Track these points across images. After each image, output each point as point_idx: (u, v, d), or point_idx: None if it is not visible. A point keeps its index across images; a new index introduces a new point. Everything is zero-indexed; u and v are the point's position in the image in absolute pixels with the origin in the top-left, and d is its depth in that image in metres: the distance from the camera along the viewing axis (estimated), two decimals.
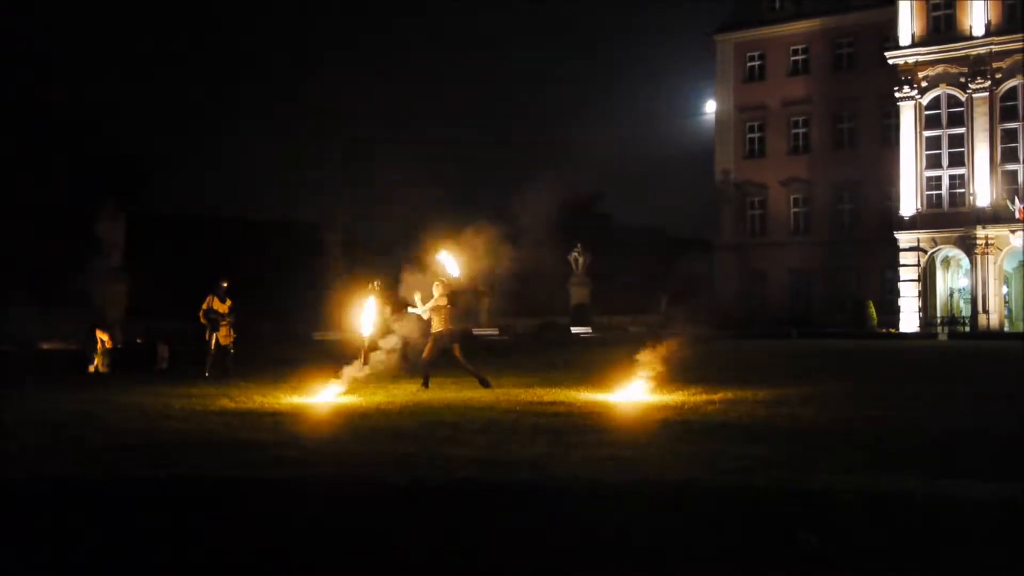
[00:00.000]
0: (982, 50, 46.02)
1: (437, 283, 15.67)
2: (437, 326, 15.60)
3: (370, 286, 19.97)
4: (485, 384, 15.23)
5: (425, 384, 15.22)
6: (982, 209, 45.66)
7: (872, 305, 47.99)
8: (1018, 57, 44.75)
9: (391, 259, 17.29)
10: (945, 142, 47.31)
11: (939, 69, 47.18)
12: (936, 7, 47.59)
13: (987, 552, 5.19)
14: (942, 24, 47.55)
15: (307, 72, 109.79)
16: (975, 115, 46.26)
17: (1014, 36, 44.54)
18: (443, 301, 15.60)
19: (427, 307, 15.61)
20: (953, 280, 48.77)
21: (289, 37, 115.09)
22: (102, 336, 20.55)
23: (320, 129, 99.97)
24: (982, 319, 45.31)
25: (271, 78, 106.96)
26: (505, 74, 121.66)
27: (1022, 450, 8.72)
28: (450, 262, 15.83)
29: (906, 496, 6.31)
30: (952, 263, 48.49)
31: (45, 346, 21.70)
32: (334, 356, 17.38)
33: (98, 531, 5.70)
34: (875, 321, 47.23)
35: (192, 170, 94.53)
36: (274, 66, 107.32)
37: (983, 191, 45.86)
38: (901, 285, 47.71)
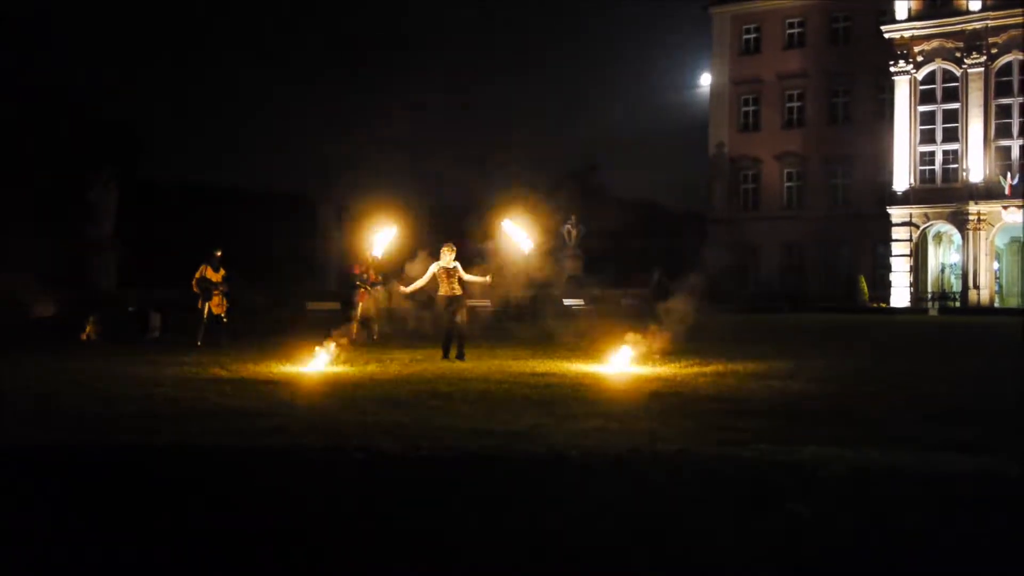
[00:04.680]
0: (978, 25, 45.92)
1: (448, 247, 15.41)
2: (459, 290, 15.41)
3: (367, 256, 19.96)
4: (460, 356, 15.14)
5: (459, 356, 15.10)
6: (975, 185, 45.75)
7: (863, 280, 48.17)
8: (1014, 32, 44.66)
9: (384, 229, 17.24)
10: (939, 117, 47.29)
11: (935, 44, 47.08)
12: None
13: (974, 523, 5.24)
14: None
15: (306, 43, 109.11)
16: (970, 90, 46.23)
17: (1011, 11, 44.45)
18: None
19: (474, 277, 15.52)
20: (945, 255, 48.94)
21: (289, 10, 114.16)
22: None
23: (316, 100, 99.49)
24: (972, 295, 45.53)
25: (272, 49, 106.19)
26: (499, 49, 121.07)
27: (1011, 424, 8.80)
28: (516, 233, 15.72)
29: (895, 469, 6.37)
30: (944, 238, 48.62)
31: (37, 314, 21.63)
32: (327, 326, 17.37)
33: (90, 499, 5.72)
34: (866, 296, 47.41)
35: (187, 139, 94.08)
36: (274, 39, 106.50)
37: (976, 167, 45.90)
38: (893, 260, 47.85)
